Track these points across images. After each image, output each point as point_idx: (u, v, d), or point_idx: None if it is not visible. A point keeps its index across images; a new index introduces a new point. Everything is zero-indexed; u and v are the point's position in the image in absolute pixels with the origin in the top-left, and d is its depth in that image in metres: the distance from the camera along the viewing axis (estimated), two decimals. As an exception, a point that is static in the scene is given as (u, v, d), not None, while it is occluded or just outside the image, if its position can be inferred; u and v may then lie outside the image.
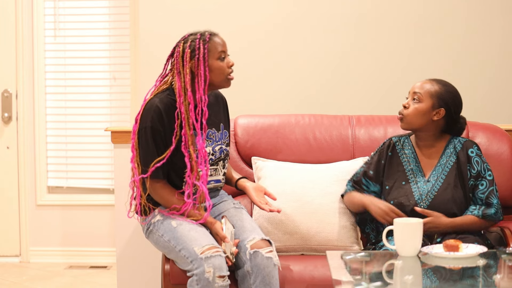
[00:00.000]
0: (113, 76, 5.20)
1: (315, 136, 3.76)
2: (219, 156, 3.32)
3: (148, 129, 3.17)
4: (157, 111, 3.17)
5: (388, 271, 2.85)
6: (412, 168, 3.37)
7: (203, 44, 3.18)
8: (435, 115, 3.32)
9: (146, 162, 3.18)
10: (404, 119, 3.34)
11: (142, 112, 3.21)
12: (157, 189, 3.21)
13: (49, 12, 5.18)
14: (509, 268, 2.81)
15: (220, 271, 3.04)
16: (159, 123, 3.17)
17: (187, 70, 3.18)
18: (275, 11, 4.63)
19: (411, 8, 4.60)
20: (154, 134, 3.17)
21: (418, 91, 3.32)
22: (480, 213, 3.27)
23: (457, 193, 3.30)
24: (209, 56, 3.20)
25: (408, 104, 3.33)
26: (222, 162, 3.34)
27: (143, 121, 3.19)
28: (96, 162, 5.24)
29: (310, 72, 4.65)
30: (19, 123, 5.20)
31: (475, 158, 3.33)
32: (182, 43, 3.22)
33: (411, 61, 4.60)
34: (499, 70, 4.62)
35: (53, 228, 5.23)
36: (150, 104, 3.20)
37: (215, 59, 3.21)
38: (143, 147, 3.19)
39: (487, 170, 3.33)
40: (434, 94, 3.31)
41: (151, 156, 3.17)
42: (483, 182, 3.31)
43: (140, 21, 4.68)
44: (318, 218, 3.48)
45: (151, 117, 3.17)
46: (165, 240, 3.19)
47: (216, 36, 3.24)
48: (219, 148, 3.31)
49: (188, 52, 3.19)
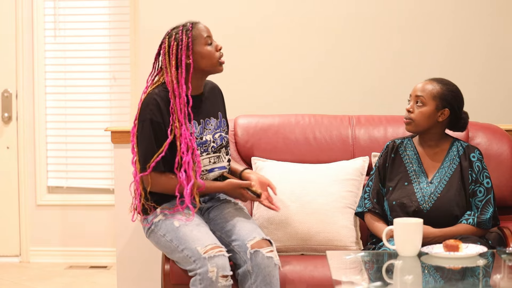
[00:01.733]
0: (113, 76, 5.20)
1: (315, 136, 3.76)
2: (221, 143, 3.33)
3: (147, 121, 3.17)
4: (155, 103, 3.18)
5: (388, 271, 2.85)
6: (414, 169, 3.36)
7: (187, 33, 3.20)
8: (440, 116, 3.32)
9: (145, 158, 3.17)
10: (411, 124, 3.31)
11: (140, 110, 3.21)
12: (159, 179, 3.19)
13: (49, 12, 5.18)
14: (509, 268, 2.81)
15: (223, 270, 3.04)
16: (159, 114, 3.17)
17: (173, 63, 3.19)
18: (276, 11, 4.63)
19: (412, 8, 4.59)
20: (154, 127, 3.17)
21: (421, 94, 3.30)
22: (474, 222, 3.26)
23: (460, 196, 3.29)
24: (196, 44, 3.21)
25: (413, 108, 3.31)
26: (224, 149, 3.35)
27: (141, 116, 3.19)
28: (96, 162, 5.24)
29: (310, 72, 4.64)
30: (19, 123, 5.20)
31: (476, 162, 3.33)
32: (167, 38, 3.24)
33: (411, 61, 4.60)
34: (499, 70, 4.61)
35: (53, 228, 5.23)
36: (147, 99, 3.20)
37: (203, 45, 3.22)
38: (142, 141, 3.18)
39: (485, 177, 3.31)
40: (436, 95, 3.30)
41: (150, 151, 3.16)
42: (481, 189, 3.30)
43: (140, 21, 4.68)
44: (318, 218, 3.48)
45: (150, 109, 3.17)
46: (167, 240, 3.18)
47: (198, 23, 3.26)
48: (219, 136, 3.32)
49: (174, 45, 3.20)
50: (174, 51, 3.20)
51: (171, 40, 3.22)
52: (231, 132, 3.74)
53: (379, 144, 3.66)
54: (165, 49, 3.22)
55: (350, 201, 3.54)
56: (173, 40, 3.21)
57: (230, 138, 3.71)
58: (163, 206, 3.25)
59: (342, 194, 3.54)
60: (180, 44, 3.20)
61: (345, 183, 3.56)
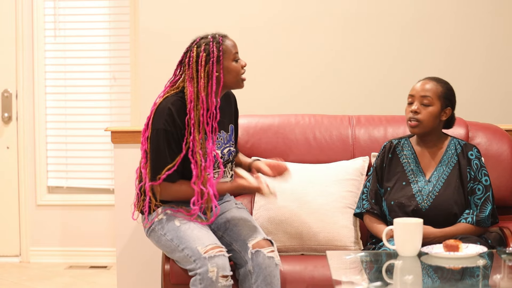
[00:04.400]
0: (113, 76, 5.20)
1: (315, 136, 3.76)
2: (228, 158, 3.31)
3: (161, 131, 3.13)
4: (170, 113, 3.14)
5: (388, 271, 2.85)
6: (412, 168, 3.36)
7: (218, 47, 3.16)
8: (443, 115, 3.32)
9: (157, 168, 3.14)
10: (420, 125, 3.29)
11: (154, 116, 3.17)
12: (170, 189, 3.17)
13: (49, 12, 5.18)
14: (509, 268, 2.81)
15: (223, 270, 3.04)
16: (172, 125, 3.13)
17: (202, 74, 3.15)
18: (276, 11, 4.63)
19: (412, 7, 4.60)
20: (168, 137, 3.13)
21: (427, 94, 3.28)
22: (474, 221, 3.26)
23: (458, 194, 3.29)
24: (225, 58, 3.18)
25: (419, 109, 3.29)
26: (230, 164, 3.34)
27: (155, 124, 3.15)
28: (96, 162, 5.24)
29: (310, 72, 4.65)
30: (19, 123, 5.20)
31: (475, 160, 3.33)
32: (195, 47, 3.19)
33: (411, 61, 4.60)
34: (499, 70, 4.61)
35: (53, 228, 5.23)
36: (162, 107, 3.16)
37: (231, 60, 3.19)
38: (155, 150, 3.15)
39: (483, 175, 3.31)
40: (441, 95, 3.30)
41: (163, 160, 3.13)
42: (479, 187, 3.30)
43: (140, 21, 4.68)
44: (318, 218, 3.48)
45: (165, 119, 3.13)
46: (167, 239, 3.18)
47: (227, 38, 3.22)
48: (228, 151, 3.31)
49: (203, 56, 3.16)
50: (203, 63, 3.15)
51: (200, 50, 3.17)
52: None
53: (379, 144, 3.66)
54: (193, 59, 3.17)
55: (350, 201, 3.54)
56: (203, 50, 3.17)
57: None
58: (165, 205, 3.26)
59: (342, 194, 3.54)
60: (212, 56, 3.16)
61: (345, 183, 3.56)
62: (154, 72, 4.61)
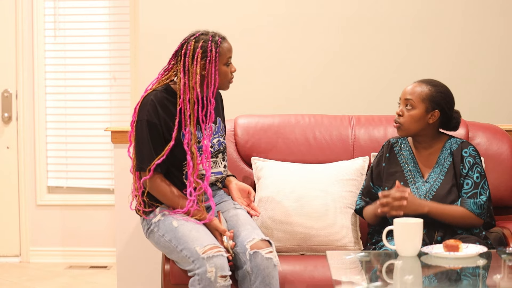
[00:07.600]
0: (113, 76, 5.20)
1: (315, 136, 3.76)
2: (218, 148, 3.35)
3: (144, 122, 3.20)
4: (152, 105, 3.21)
5: (388, 271, 2.85)
6: (410, 169, 3.36)
7: (215, 48, 3.21)
8: (430, 118, 3.31)
9: (141, 157, 3.21)
10: (401, 128, 3.31)
11: (140, 105, 3.25)
12: (156, 183, 3.22)
13: (49, 12, 5.18)
14: (509, 268, 2.81)
15: (222, 271, 3.04)
16: (154, 116, 3.20)
17: (197, 70, 3.20)
18: (276, 12, 4.63)
19: (411, 7, 4.60)
20: (150, 128, 3.19)
21: (410, 97, 3.30)
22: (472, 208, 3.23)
23: (455, 194, 3.29)
24: (219, 60, 3.23)
25: (402, 112, 3.31)
26: (221, 155, 3.37)
27: (140, 114, 3.23)
28: (96, 162, 5.24)
29: (311, 72, 4.65)
30: (19, 123, 5.20)
31: (468, 158, 3.32)
32: (193, 41, 3.23)
33: (411, 61, 4.60)
34: (499, 70, 4.61)
35: (53, 228, 5.23)
36: (146, 99, 3.24)
37: (223, 64, 3.25)
38: (139, 141, 3.22)
39: (475, 172, 3.30)
40: (425, 97, 3.29)
41: (146, 151, 3.20)
42: (468, 181, 3.29)
43: (140, 21, 4.68)
44: (318, 218, 3.48)
45: (147, 110, 3.20)
46: (166, 240, 3.19)
47: (226, 41, 3.27)
48: (217, 141, 3.35)
49: (199, 52, 3.20)
50: (198, 58, 3.20)
51: (197, 46, 3.21)
52: (231, 132, 3.75)
53: (379, 144, 3.65)
54: (190, 52, 3.21)
55: (350, 201, 3.54)
56: (200, 47, 3.21)
57: (230, 138, 3.72)
58: (162, 205, 3.26)
59: (342, 194, 3.54)
60: (208, 56, 3.20)
61: (345, 183, 3.56)
62: (154, 72, 4.57)
